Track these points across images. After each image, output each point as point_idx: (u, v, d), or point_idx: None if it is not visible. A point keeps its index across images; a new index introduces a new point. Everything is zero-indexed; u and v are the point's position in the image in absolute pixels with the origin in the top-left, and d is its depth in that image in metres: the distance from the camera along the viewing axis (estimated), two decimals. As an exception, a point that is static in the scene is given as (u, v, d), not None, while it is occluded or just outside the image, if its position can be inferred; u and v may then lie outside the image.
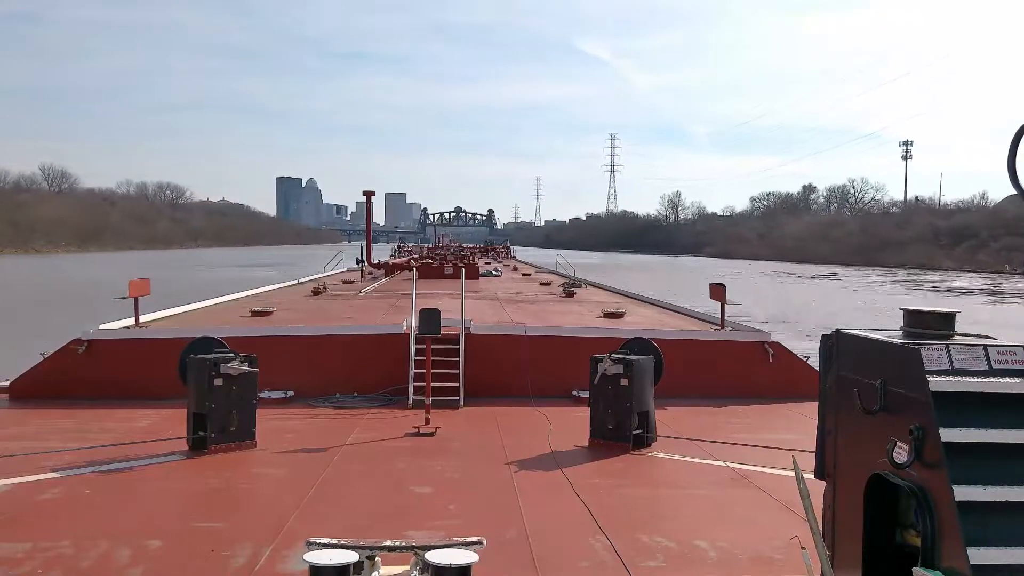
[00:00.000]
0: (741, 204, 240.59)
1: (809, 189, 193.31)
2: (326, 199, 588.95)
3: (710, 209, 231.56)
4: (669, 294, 33.48)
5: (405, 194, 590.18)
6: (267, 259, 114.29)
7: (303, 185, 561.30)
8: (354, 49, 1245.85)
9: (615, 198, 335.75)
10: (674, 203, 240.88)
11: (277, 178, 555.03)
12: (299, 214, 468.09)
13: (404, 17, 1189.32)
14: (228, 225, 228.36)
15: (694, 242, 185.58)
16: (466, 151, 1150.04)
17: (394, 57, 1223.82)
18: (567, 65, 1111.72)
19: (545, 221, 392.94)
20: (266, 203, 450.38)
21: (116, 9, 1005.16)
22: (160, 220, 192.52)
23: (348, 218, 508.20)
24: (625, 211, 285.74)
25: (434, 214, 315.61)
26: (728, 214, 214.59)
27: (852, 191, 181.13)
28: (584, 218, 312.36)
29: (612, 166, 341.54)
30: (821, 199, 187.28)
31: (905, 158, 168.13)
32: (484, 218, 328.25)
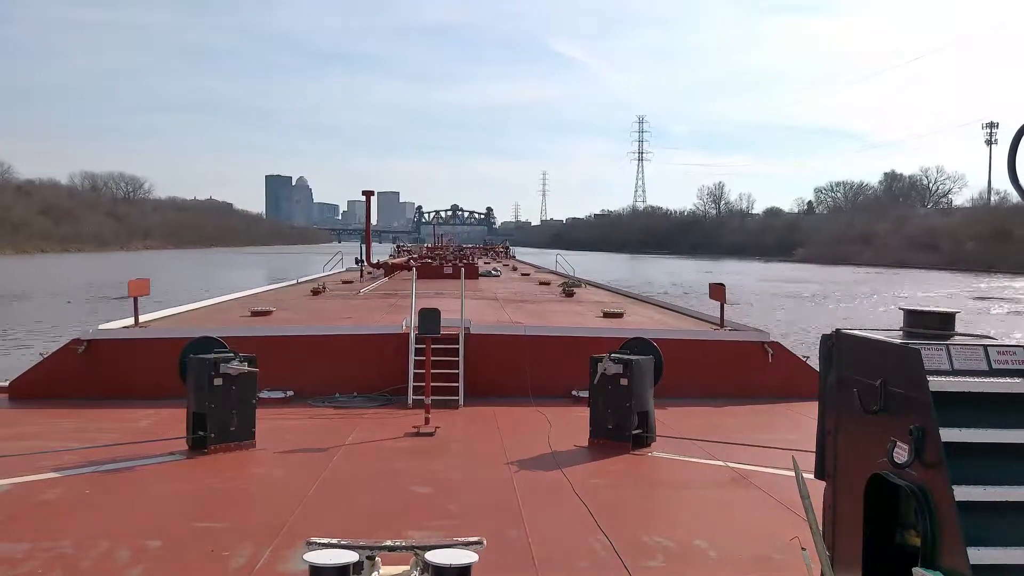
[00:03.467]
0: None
1: (892, 178, 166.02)
2: (316, 199, 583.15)
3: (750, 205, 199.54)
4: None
5: (398, 192, 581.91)
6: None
7: (293, 183, 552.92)
8: (331, 50, 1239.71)
9: (643, 191, 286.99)
10: (716, 196, 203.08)
11: (266, 176, 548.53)
12: (290, 213, 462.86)
13: (375, 18, 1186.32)
14: (189, 223, 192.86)
15: (746, 243, 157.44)
16: (455, 151, 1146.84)
17: (372, 57, 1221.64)
18: (545, 65, 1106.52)
19: (543, 221, 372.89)
20: (256, 203, 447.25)
21: (90, 9, 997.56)
22: (94, 216, 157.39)
23: (339, 217, 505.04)
24: (651, 206, 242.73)
25: (429, 212, 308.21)
26: (797, 209, 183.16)
27: (926, 182, 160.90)
28: (591, 217, 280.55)
29: (640, 153, 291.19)
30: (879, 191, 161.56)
31: (989, 143, 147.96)
32: (482, 216, 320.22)
